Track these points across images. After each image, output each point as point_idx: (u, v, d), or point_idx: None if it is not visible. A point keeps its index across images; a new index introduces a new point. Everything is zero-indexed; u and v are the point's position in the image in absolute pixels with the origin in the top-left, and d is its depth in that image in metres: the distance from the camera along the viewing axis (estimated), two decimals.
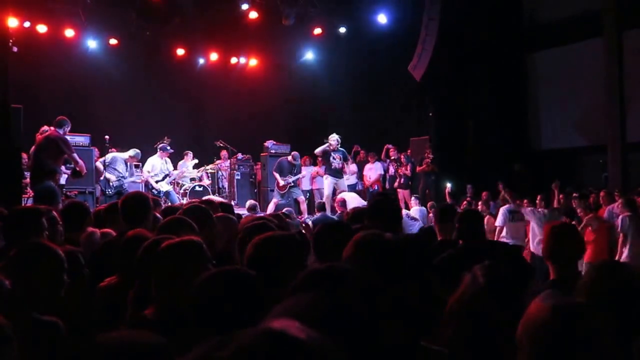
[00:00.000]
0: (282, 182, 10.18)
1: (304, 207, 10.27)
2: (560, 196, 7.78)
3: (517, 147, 12.28)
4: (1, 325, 1.32)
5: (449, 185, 10.10)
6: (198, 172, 11.20)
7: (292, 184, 10.30)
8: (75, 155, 7.31)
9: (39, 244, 2.29)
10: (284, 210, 5.75)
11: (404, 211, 9.29)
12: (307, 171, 11.40)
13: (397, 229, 3.19)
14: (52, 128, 7.32)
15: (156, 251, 2.05)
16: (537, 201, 7.47)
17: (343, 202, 8.28)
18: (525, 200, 7.51)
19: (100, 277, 2.65)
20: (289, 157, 10.46)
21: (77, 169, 7.43)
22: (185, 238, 2.09)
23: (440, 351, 1.55)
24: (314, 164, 11.76)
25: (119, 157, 9.61)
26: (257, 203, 8.70)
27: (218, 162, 11.87)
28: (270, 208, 9.71)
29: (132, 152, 9.74)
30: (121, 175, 9.44)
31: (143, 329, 1.79)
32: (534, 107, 12.79)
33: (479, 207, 8.42)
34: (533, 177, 10.94)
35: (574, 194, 7.29)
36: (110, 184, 9.33)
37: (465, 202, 8.95)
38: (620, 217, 6.25)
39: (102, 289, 2.57)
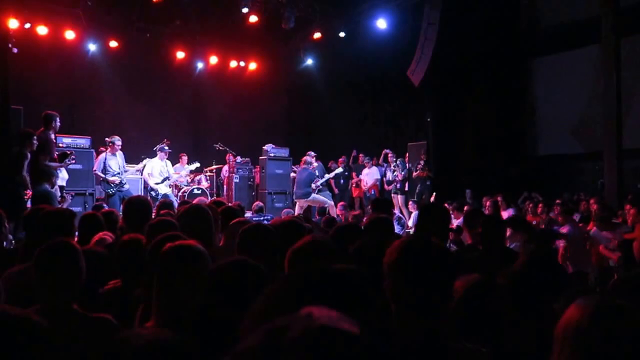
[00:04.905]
0: (312, 186, 10.10)
1: (333, 211, 9.65)
2: None
3: (515, 152, 12.34)
4: (35, 323, 1.18)
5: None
6: (195, 175, 11.25)
7: (320, 188, 10.17)
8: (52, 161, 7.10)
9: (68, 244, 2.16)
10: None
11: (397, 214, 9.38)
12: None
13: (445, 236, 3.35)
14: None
15: (158, 255, 1.85)
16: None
17: None
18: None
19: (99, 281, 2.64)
20: (311, 167, 10.27)
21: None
22: (185, 242, 1.89)
23: (476, 350, 1.56)
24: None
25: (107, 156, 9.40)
26: (262, 204, 8.64)
27: (225, 165, 12.06)
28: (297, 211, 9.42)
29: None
30: (116, 172, 9.24)
31: None
32: (532, 113, 12.86)
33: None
34: (529, 182, 10.99)
35: (557, 201, 7.28)
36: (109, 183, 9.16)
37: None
38: None
39: (106, 292, 2.57)
